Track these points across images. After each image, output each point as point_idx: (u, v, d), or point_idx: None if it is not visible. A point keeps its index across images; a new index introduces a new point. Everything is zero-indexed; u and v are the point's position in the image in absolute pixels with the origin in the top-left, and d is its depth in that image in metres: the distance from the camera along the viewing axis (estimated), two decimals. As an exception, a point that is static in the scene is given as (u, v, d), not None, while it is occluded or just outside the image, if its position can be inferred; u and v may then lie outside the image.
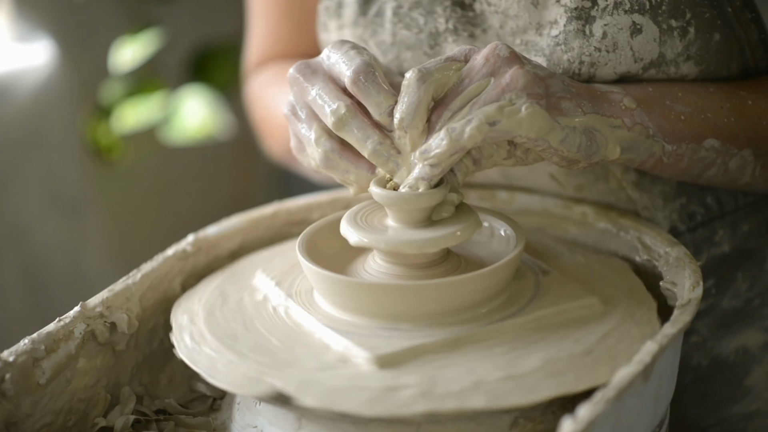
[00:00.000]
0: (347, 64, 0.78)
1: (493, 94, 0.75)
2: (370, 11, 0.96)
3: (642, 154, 0.80)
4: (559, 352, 0.72)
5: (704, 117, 0.82)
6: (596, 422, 0.62)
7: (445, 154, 0.75)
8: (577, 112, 0.77)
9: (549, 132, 0.75)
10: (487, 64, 0.77)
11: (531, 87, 0.75)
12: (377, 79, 0.77)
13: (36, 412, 0.77)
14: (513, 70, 0.76)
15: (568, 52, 0.85)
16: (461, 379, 0.69)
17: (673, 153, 0.81)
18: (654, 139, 0.80)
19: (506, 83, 0.76)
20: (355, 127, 0.78)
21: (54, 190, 1.98)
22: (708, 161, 0.83)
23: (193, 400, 0.87)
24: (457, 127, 0.74)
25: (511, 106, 0.74)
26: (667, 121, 0.81)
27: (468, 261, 0.82)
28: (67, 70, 1.96)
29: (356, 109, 0.78)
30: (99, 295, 0.83)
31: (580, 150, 0.77)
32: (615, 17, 0.84)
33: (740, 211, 0.95)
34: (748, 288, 0.97)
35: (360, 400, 0.68)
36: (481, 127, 0.74)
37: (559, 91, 0.77)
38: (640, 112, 0.80)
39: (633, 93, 0.81)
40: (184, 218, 2.12)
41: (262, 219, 0.99)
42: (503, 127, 0.74)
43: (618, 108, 0.79)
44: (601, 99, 0.80)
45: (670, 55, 0.84)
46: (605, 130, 0.78)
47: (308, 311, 0.79)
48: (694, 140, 0.82)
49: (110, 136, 2.04)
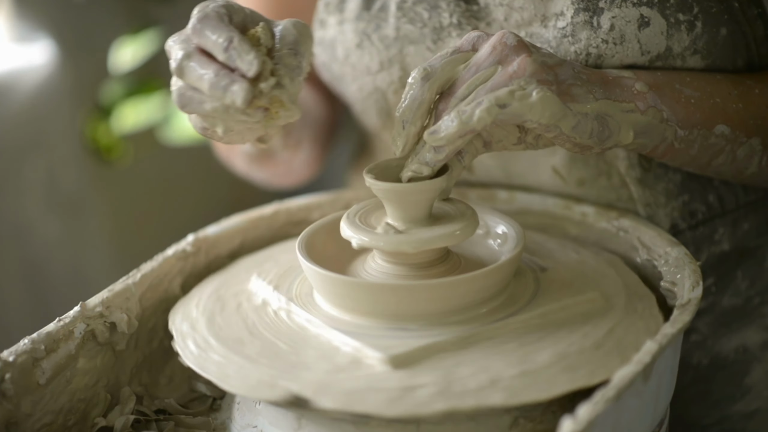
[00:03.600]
0: (193, 17, 0.76)
1: (499, 81, 0.75)
2: (374, 6, 0.96)
3: (655, 138, 0.80)
4: (569, 347, 0.72)
5: (714, 102, 0.82)
6: (596, 422, 0.62)
7: (454, 135, 0.74)
8: (589, 98, 0.77)
9: (561, 118, 0.75)
10: (494, 52, 0.77)
11: (539, 74, 0.75)
12: (212, 22, 0.75)
13: (36, 412, 0.77)
14: (521, 59, 0.76)
15: (575, 44, 0.86)
16: (477, 377, 0.69)
17: (684, 138, 0.81)
18: (667, 123, 0.80)
19: (513, 71, 0.76)
20: (193, 65, 0.75)
21: (54, 190, 1.98)
22: (717, 148, 0.83)
23: (193, 400, 0.87)
24: (467, 110, 0.74)
25: (522, 91, 0.74)
26: (679, 104, 0.81)
27: (468, 260, 0.83)
28: (67, 70, 1.96)
29: (196, 52, 0.75)
30: (99, 295, 0.83)
31: (593, 136, 0.77)
32: (623, 9, 0.84)
33: (741, 210, 0.95)
34: (749, 286, 0.97)
35: (379, 400, 0.68)
36: (491, 109, 0.73)
37: (569, 78, 0.77)
38: (652, 95, 0.80)
39: (643, 78, 0.81)
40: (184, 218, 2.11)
41: (262, 219, 0.99)
42: (514, 110, 0.74)
43: (630, 92, 0.79)
44: (612, 84, 0.80)
45: (677, 48, 0.84)
46: (618, 115, 0.78)
47: (311, 313, 0.78)
48: (705, 126, 0.82)
49: (110, 136, 2.04)
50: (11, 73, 1.88)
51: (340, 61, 1.00)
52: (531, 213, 0.96)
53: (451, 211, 0.81)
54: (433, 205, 0.80)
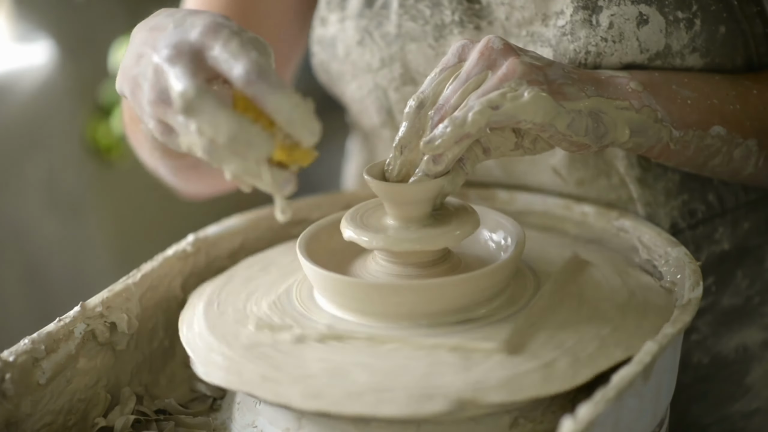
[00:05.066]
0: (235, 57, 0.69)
1: (490, 85, 0.76)
2: (377, 3, 0.96)
3: (650, 138, 0.80)
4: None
5: (710, 103, 0.82)
6: (596, 422, 0.63)
7: (449, 141, 0.74)
8: (581, 95, 0.77)
9: (555, 117, 0.75)
10: (482, 57, 0.77)
11: (529, 75, 0.76)
12: (271, 80, 0.68)
13: (36, 412, 0.77)
14: (509, 61, 0.76)
15: (575, 42, 0.86)
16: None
17: (680, 139, 0.81)
18: (662, 123, 0.80)
19: (503, 74, 0.76)
20: (209, 105, 0.69)
21: (54, 190, 1.98)
22: (713, 149, 0.83)
23: (193, 400, 0.87)
24: (459, 115, 0.74)
25: (514, 92, 0.74)
26: (674, 105, 0.81)
27: (468, 260, 0.83)
28: (67, 70, 1.96)
29: (209, 87, 0.70)
30: (99, 295, 0.83)
31: (588, 133, 0.77)
32: (622, 7, 0.84)
33: (741, 209, 0.95)
34: (748, 286, 0.97)
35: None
36: (484, 111, 0.73)
37: (559, 78, 0.78)
38: (647, 95, 0.80)
39: (639, 77, 0.81)
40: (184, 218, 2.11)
41: (262, 219, 0.99)
42: (507, 111, 0.74)
43: (624, 91, 0.79)
44: (605, 83, 0.80)
45: (676, 46, 0.84)
46: (612, 112, 0.78)
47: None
48: (701, 127, 0.82)
49: (110, 136, 2.04)
50: (11, 73, 1.88)
51: (340, 59, 1.00)
52: (531, 213, 0.96)
53: (451, 211, 0.81)
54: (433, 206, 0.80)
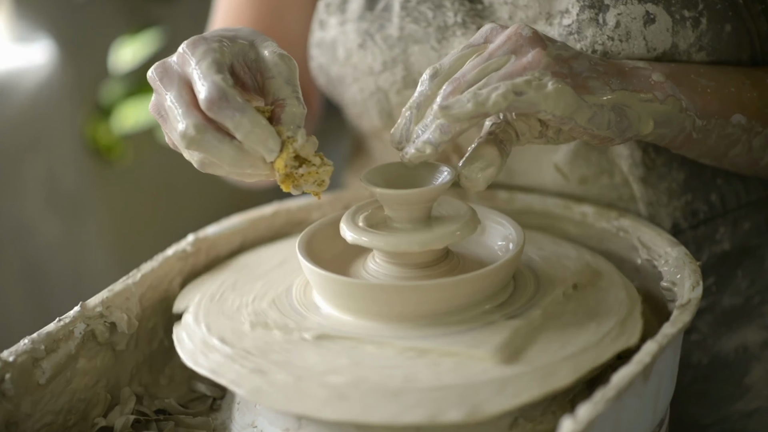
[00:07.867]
0: (202, 83, 0.73)
1: (512, 70, 0.75)
2: (378, 5, 0.96)
3: (674, 128, 0.80)
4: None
5: (729, 91, 0.82)
6: (596, 422, 0.62)
7: (467, 114, 0.73)
8: (605, 89, 0.77)
9: (576, 110, 0.75)
10: (509, 42, 0.77)
11: (553, 67, 0.76)
12: (231, 105, 0.71)
13: (36, 412, 0.77)
14: (536, 51, 0.76)
15: (581, 41, 0.86)
16: None
17: (702, 128, 0.81)
18: (686, 112, 0.80)
19: (528, 62, 0.76)
20: (209, 140, 0.73)
21: (54, 190, 1.98)
22: (734, 138, 0.83)
23: (193, 400, 0.87)
24: (483, 93, 0.73)
25: (539, 81, 0.74)
26: (696, 93, 0.81)
27: (468, 260, 0.83)
28: (67, 70, 1.96)
29: (207, 123, 0.73)
30: (99, 295, 0.83)
31: (611, 127, 0.77)
32: (629, 6, 0.84)
33: (742, 209, 0.95)
34: (749, 286, 0.97)
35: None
36: (507, 94, 0.73)
37: (585, 70, 0.78)
38: (670, 84, 0.80)
39: (659, 68, 0.81)
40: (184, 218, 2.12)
41: (262, 219, 0.99)
42: (529, 98, 0.73)
43: (647, 83, 0.79)
44: (630, 75, 0.80)
45: (683, 45, 0.84)
46: (636, 105, 0.78)
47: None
48: (723, 115, 0.82)
49: (110, 136, 2.04)
50: (11, 73, 1.88)
51: (341, 62, 1.00)
52: (531, 213, 0.96)
53: (451, 211, 0.81)
54: (433, 206, 0.80)
